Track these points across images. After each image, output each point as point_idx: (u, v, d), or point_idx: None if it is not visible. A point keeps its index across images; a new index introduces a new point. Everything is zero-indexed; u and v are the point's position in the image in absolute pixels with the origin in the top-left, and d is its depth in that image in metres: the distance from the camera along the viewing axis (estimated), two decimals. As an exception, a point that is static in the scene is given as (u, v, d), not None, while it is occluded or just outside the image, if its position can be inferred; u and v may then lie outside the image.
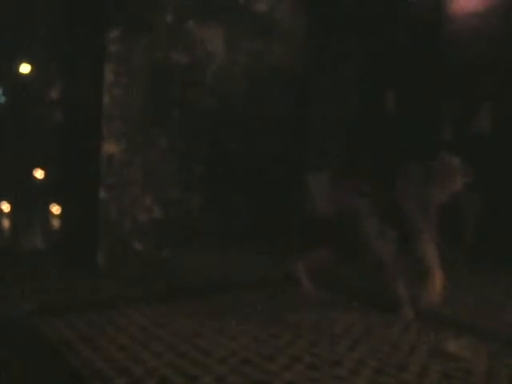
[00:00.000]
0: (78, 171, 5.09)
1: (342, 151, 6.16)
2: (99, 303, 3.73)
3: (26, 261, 4.92)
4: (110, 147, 4.71)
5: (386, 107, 6.05)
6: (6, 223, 6.73)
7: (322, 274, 4.42)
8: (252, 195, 5.56)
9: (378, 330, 3.35)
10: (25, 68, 5.55)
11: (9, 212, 6.89)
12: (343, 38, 6.06)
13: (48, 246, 5.68)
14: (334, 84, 6.16)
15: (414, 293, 3.72)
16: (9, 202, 6.92)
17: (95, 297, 3.96)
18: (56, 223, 5.63)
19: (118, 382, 2.46)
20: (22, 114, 6.73)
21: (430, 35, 6.50)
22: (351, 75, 6.26)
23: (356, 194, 3.90)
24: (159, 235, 5.03)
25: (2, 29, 6.27)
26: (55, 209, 5.84)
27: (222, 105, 5.40)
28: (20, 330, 3.20)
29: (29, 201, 6.78)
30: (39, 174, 6.67)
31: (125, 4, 4.75)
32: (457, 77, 6.08)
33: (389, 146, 6.02)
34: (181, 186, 5.15)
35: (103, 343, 2.94)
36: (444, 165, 3.78)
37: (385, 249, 3.78)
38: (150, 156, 4.95)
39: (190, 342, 3.00)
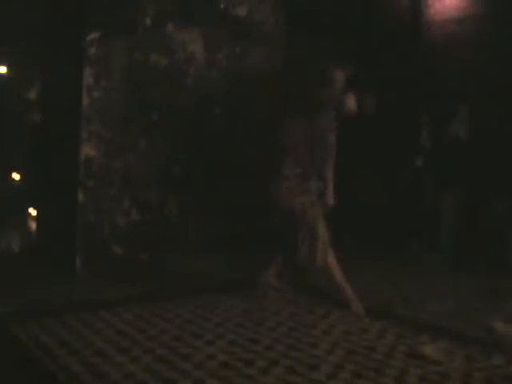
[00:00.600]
0: (56, 174, 5.05)
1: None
2: (76, 306, 3.70)
3: (1, 263, 4.86)
4: (88, 150, 4.68)
5: (366, 109, 6.07)
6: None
7: (298, 277, 4.43)
8: (229, 198, 5.55)
9: (356, 334, 3.36)
10: (1, 69, 5.50)
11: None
12: (323, 40, 6.08)
13: (25, 248, 5.62)
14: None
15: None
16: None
17: (72, 300, 3.92)
18: (34, 226, 5.57)
19: (95, 386, 2.44)
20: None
21: (408, 40, 6.56)
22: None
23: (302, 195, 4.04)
24: (138, 238, 5.00)
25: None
26: (33, 211, 5.78)
27: (201, 107, 5.39)
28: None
29: (5, 203, 6.71)
30: (16, 176, 6.60)
31: (104, 6, 4.72)
32: (434, 80, 6.14)
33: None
34: (159, 189, 5.13)
35: (80, 347, 2.92)
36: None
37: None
38: (129, 159, 4.93)
39: (167, 346, 2.99)
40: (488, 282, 4.88)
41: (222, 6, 5.52)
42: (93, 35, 4.63)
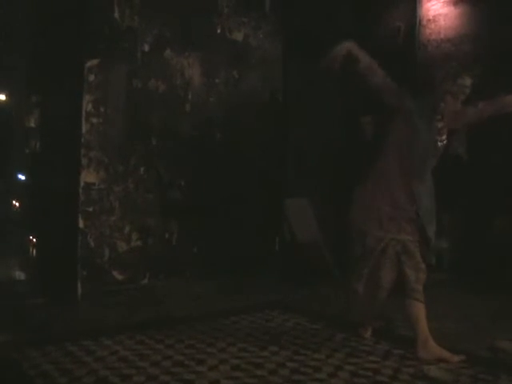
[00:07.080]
0: (56, 200, 5.04)
1: (320, 177, 6.20)
2: (78, 334, 3.67)
3: (1, 291, 4.83)
4: (88, 176, 4.69)
5: (364, 133, 6.08)
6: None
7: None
8: (231, 223, 5.54)
9: (360, 357, 3.33)
10: (0, 96, 5.53)
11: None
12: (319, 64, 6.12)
13: (25, 275, 5.60)
14: (312, 109, 6.21)
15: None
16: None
17: (73, 327, 3.89)
18: (34, 253, 5.56)
19: (98, 414, 2.41)
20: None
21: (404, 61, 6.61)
22: (329, 101, 6.31)
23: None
24: (139, 264, 4.98)
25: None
26: (33, 239, 5.77)
27: (201, 132, 5.41)
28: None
29: (5, 231, 6.69)
30: (17, 203, 6.60)
31: (103, 34, 4.76)
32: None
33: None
34: (160, 215, 5.13)
35: (82, 374, 2.89)
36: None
37: None
38: (129, 184, 4.93)
39: (170, 372, 2.96)
40: (491, 301, 4.85)
41: (218, 31, 5.57)
42: (92, 62, 4.67)
